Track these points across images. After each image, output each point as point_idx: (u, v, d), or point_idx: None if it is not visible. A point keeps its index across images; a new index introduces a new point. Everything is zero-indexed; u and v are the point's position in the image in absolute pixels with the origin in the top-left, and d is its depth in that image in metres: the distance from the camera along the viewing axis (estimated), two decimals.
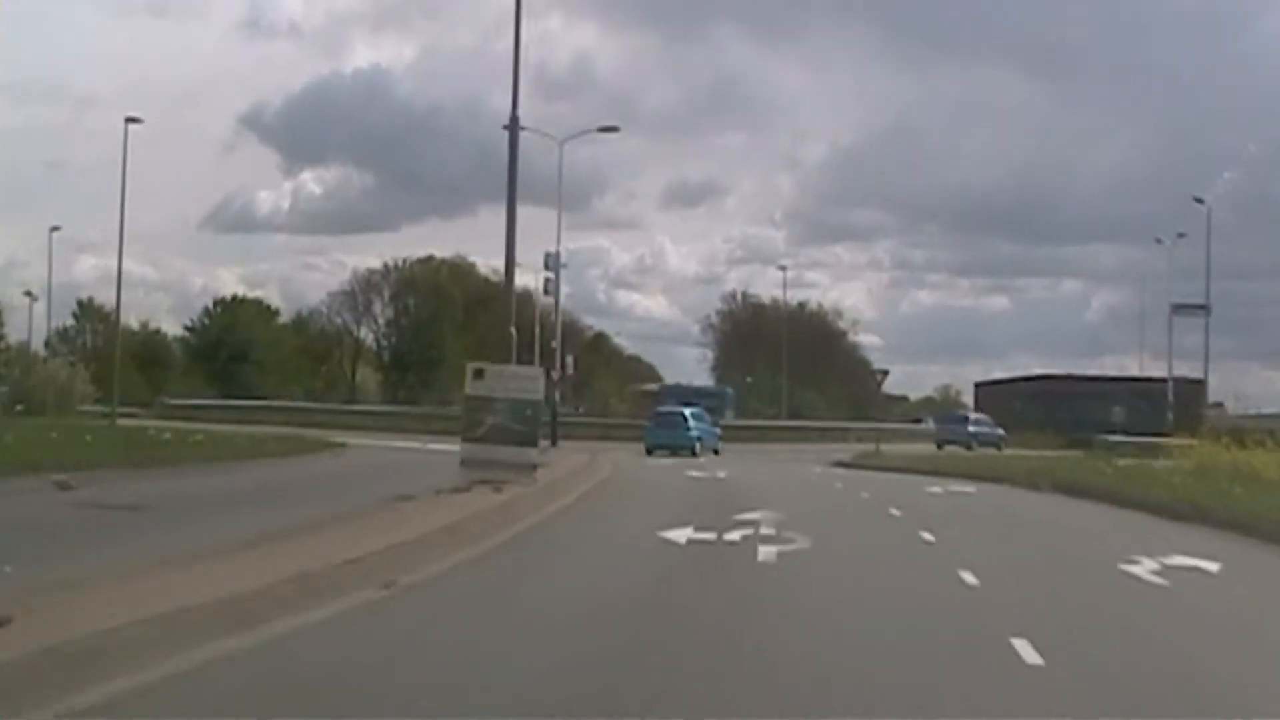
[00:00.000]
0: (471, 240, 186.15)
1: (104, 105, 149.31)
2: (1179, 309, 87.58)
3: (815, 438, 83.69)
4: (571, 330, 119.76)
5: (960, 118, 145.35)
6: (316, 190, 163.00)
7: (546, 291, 70.76)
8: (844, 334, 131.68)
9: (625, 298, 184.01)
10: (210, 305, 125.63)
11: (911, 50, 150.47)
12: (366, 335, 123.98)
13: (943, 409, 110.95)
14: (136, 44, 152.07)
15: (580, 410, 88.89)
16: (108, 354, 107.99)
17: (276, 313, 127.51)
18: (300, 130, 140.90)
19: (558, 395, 47.77)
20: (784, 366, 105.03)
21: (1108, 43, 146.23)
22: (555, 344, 63.61)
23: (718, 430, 69.18)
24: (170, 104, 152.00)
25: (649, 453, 59.93)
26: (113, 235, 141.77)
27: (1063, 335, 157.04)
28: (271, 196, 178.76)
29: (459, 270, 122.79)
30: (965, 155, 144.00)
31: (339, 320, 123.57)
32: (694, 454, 59.90)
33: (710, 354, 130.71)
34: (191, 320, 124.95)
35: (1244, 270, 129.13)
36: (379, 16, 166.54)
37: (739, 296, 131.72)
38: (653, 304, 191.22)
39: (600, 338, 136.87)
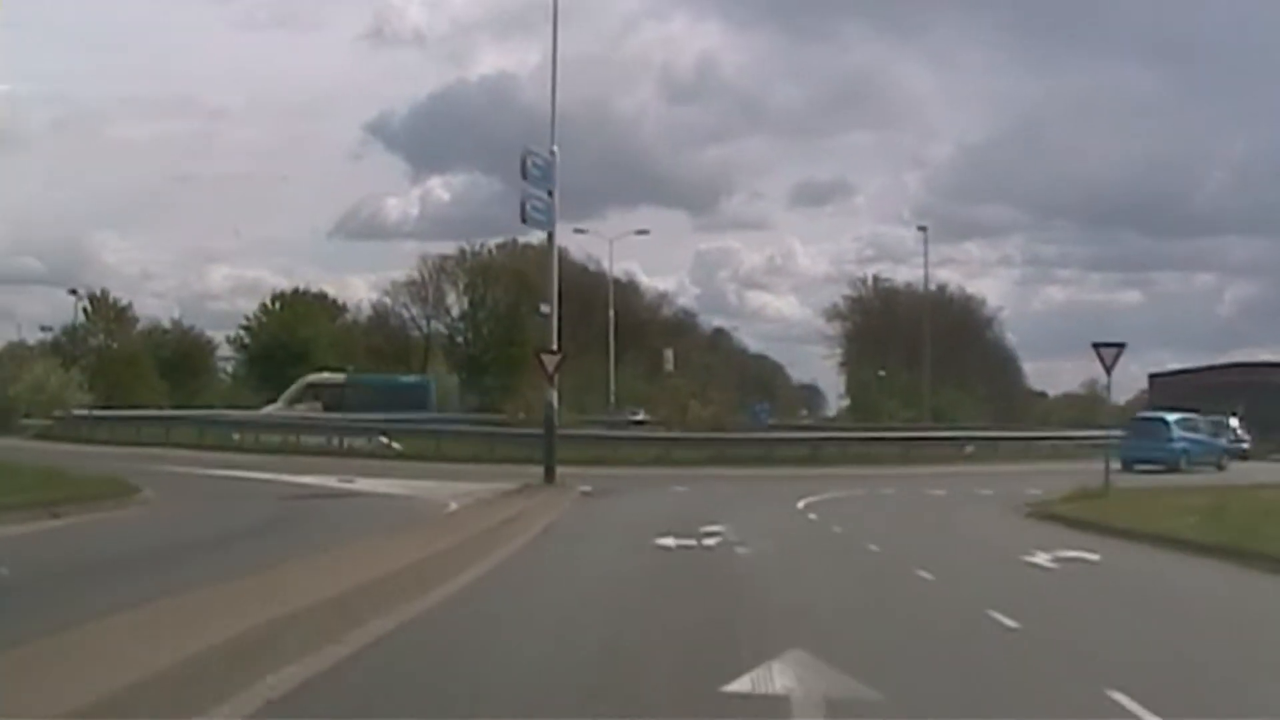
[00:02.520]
0: (599, 245, 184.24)
1: (233, 117, 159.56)
2: None
3: (981, 457, 71.98)
4: (682, 328, 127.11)
5: (1088, 112, 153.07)
6: (445, 196, 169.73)
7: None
8: (988, 323, 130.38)
9: (756, 298, 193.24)
10: (268, 301, 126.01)
11: (1038, 46, 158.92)
12: (439, 331, 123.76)
13: (1088, 406, 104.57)
14: (264, 57, 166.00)
15: (637, 419, 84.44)
16: (119, 355, 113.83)
17: (343, 308, 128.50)
18: (427, 137, 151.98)
19: (554, 398, 45.23)
20: (927, 356, 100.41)
21: (1235, 33, 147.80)
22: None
23: (1224, 441, 66.18)
24: (298, 115, 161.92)
25: (1126, 467, 56.35)
26: (243, 246, 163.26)
27: (1196, 329, 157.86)
28: (400, 203, 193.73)
29: (547, 256, 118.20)
30: (1094, 149, 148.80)
31: (407, 314, 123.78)
32: (1178, 469, 57.60)
33: (838, 348, 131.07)
34: (247, 319, 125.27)
35: None
36: (503, 23, 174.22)
37: (870, 280, 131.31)
38: (783, 304, 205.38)
39: (720, 334, 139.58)
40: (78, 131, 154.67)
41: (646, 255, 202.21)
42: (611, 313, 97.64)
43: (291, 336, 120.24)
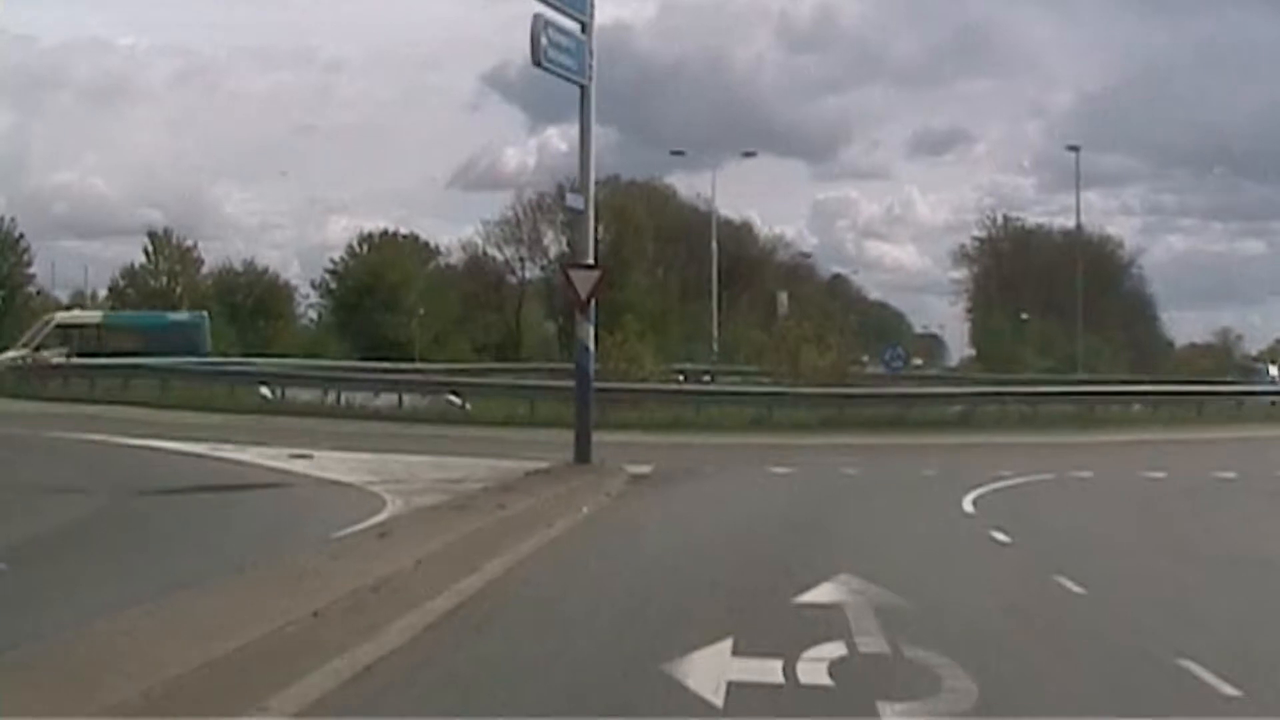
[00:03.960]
0: (718, 196, 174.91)
1: (351, 69, 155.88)
2: None
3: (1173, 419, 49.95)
4: (799, 273, 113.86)
5: (1209, 60, 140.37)
6: (562, 147, 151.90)
7: None
8: (1126, 266, 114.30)
9: (875, 248, 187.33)
10: (355, 244, 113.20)
11: None
12: (534, 273, 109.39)
13: (1221, 356, 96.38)
14: (381, 8, 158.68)
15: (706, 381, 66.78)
16: (181, 300, 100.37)
17: (436, 251, 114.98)
18: (544, 88, 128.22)
19: (590, 336, 30.11)
20: (1079, 303, 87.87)
21: None
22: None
23: None
24: (415, 66, 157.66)
25: None
26: (362, 196, 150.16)
27: None
28: (517, 153, 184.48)
29: (655, 194, 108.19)
30: (1215, 98, 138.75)
31: (499, 257, 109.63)
32: None
33: (965, 294, 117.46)
34: (333, 262, 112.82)
35: None
36: None
37: (1000, 219, 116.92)
38: (902, 254, 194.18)
39: (839, 280, 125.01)
40: (198, 83, 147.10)
41: (764, 204, 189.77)
42: (714, 245, 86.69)
43: (379, 281, 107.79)
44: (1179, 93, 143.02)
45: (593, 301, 30.00)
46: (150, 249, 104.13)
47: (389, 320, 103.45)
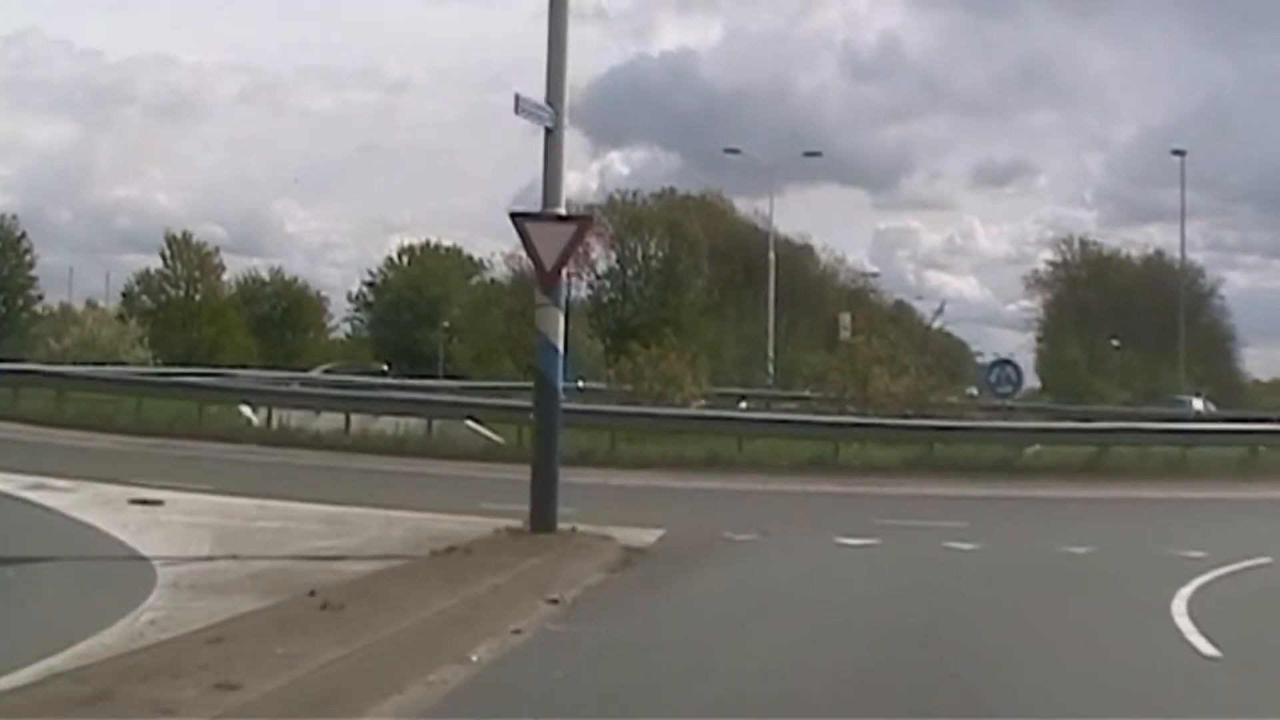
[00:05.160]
0: (780, 224, 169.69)
1: (415, 89, 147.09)
2: None
3: None
4: (861, 297, 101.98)
5: (1275, 95, 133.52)
6: (624, 171, 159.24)
7: None
8: (1207, 295, 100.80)
9: (935, 278, 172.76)
10: (394, 256, 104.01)
11: (1224, 26, 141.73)
12: (580, 289, 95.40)
13: None
14: (445, 29, 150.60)
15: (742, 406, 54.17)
16: (199, 308, 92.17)
17: (481, 265, 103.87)
18: (607, 112, 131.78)
19: (558, 329, 18.31)
20: (1181, 326, 77.23)
21: None
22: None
23: None
24: (479, 87, 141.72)
25: None
26: (423, 216, 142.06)
27: None
28: (579, 177, 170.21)
29: (710, 209, 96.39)
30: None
31: None
32: None
33: (1036, 323, 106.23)
34: (372, 274, 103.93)
35: None
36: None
37: (1077, 244, 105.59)
38: (963, 284, 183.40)
39: (902, 306, 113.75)
40: (263, 101, 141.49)
41: (825, 233, 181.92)
42: (771, 254, 76.70)
43: (419, 295, 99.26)
44: (1245, 128, 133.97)
45: (565, 275, 18.84)
46: (167, 253, 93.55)
47: (427, 336, 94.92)
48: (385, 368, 69.94)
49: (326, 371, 64.63)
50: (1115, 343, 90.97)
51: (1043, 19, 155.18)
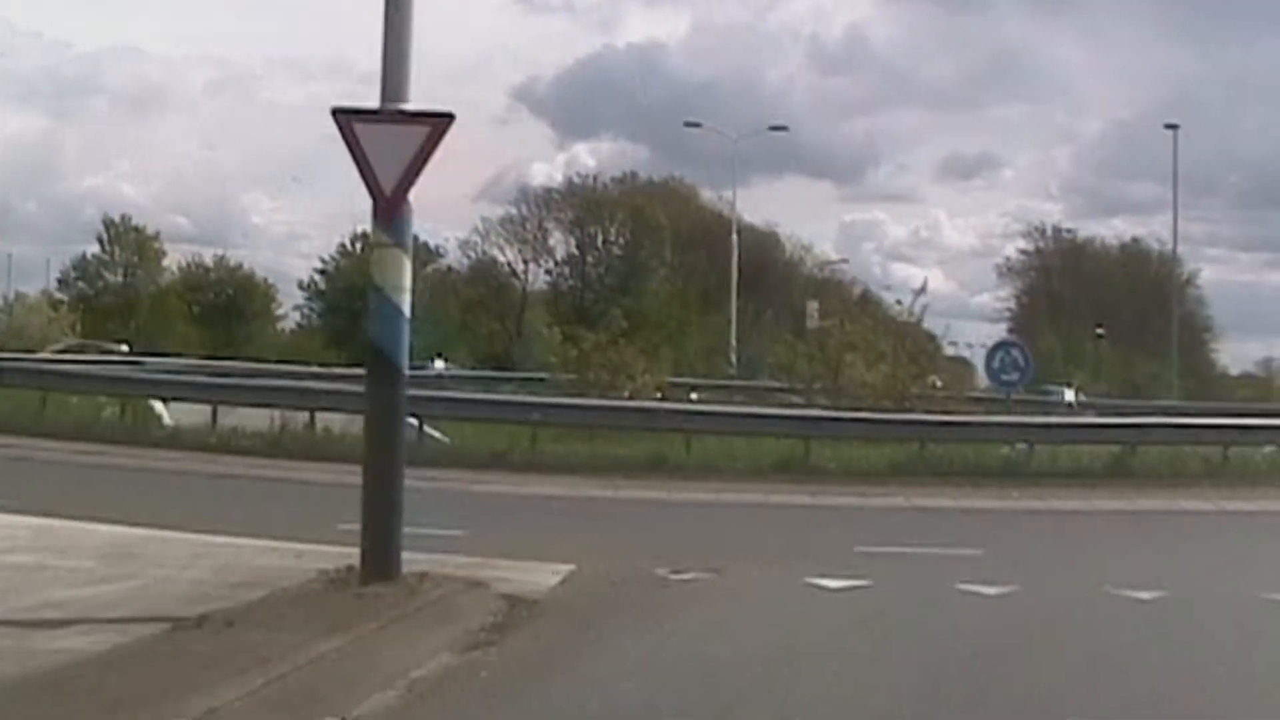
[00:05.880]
0: (747, 214, 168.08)
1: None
2: None
3: None
4: (828, 286, 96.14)
5: (1242, 89, 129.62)
6: (590, 163, 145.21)
7: None
8: (1184, 285, 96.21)
9: (901, 270, 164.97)
10: (347, 242, 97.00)
11: (1192, 21, 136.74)
12: (537, 277, 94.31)
13: (1264, 386, 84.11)
14: (416, 21, 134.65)
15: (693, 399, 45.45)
16: (139, 295, 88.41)
17: (437, 252, 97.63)
18: (573, 104, 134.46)
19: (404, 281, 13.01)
20: (1174, 317, 76.02)
21: None
22: None
23: None
24: (446, 79, 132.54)
25: None
26: None
27: None
28: (545, 169, 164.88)
29: (674, 196, 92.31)
30: (1246, 128, 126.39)
31: (501, 259, 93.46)
32: None
33: (1008, 312, 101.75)
34: (323, 261, 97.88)
35: None
36: None
37: (1050, 231, 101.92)
38: (929, 277, 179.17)
39: (869, 296, 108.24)
40: (231, 93, 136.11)
41: (791, 225, 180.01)
42: (734, 236, 74.51)
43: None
44: (1211, 122, 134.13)
45: (406, 209, 12.88)
46: (105, 238, 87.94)
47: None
48: (125, 347, 63.66)
49: (60, 352, 57.31)
50: (1100, 331, 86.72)
51: (1010, 12, 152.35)
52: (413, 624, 10.48)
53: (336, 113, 11.98)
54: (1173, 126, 73.73)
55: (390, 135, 11.90)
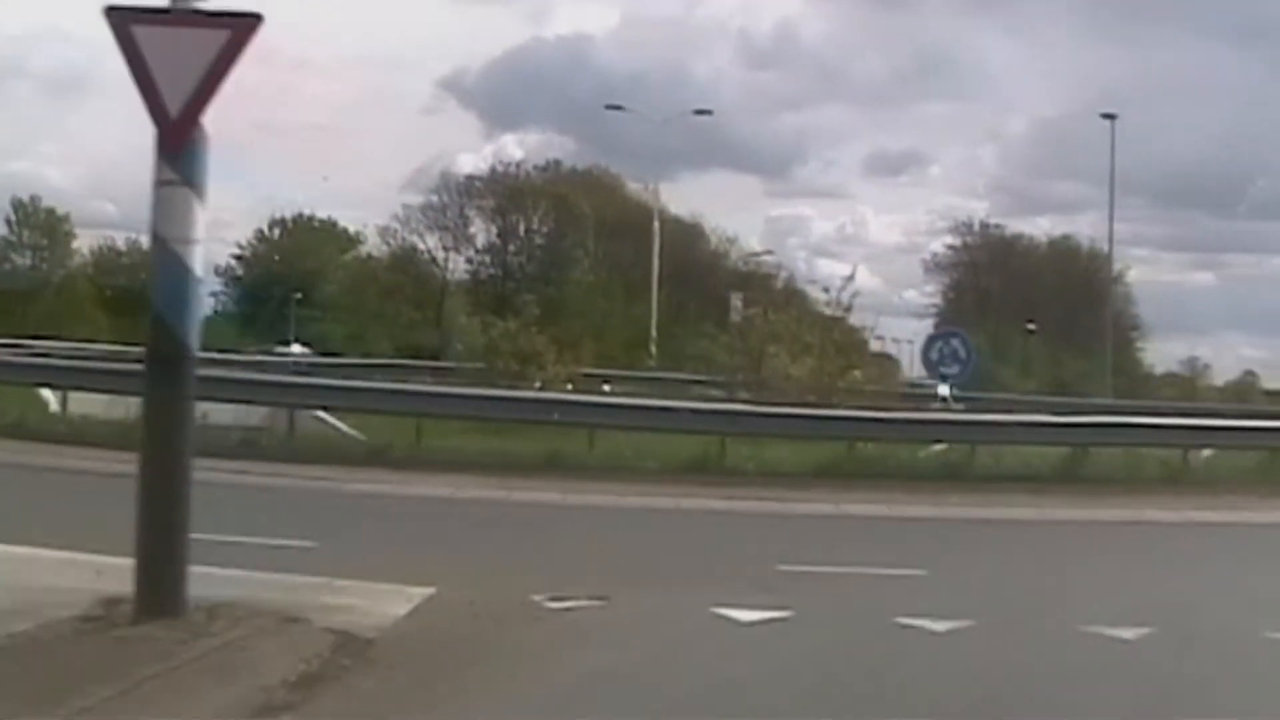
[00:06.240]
0: (672, 206, 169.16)
1: (315, 68, 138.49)
2: None
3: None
4: (754, 280, 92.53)
5: (1168, 90, 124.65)
6: (518, 154, 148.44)
7: None
8: (1114, 281, 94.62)
9: (826, 266, 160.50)
10: (265, 228, 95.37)
11: (1119, 22, 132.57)
12: (458, 265, 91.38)
13: (1188, 386, 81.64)
14: (347, 8, 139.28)
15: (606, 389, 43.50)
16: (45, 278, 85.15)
17: (357, 239, 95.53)
18: (501, 95, 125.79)
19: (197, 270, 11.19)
20: (1108, 315, 75.35)
21: None
22: None
23: None
24: (376, 68, 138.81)
25: None
26: (316, 197, 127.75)
27: (1269, 312, 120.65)
28: (472, 160, 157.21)
29: (597, 185, 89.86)
30: (1172, 129, 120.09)
31: (421, 246, 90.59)
32: None
33: (934, 308, 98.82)
34: (241, 246, 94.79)
35: None
36: None
37: (978, 227, 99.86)
38: (857, 266, 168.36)
39: (795, 291, 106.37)
40: None
41: (717, 219, 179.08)
42: (656, 223, 72.83)
43: (291, 269, 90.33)
44: (1137, 122, 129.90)
45: (199, 137, 9.76)
46: (13, 219, 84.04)
47: (302, 314, 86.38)
48: None
49: None
50: (1032, 326, 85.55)
51: (940, 10, 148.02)
52: (181, 682, 7.73)
53: (111, 11, 9.07)
54: (1110, 116, 72.30)
55: (180, 42, 9.12)
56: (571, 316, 69.16)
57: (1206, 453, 27.43)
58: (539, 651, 9.92)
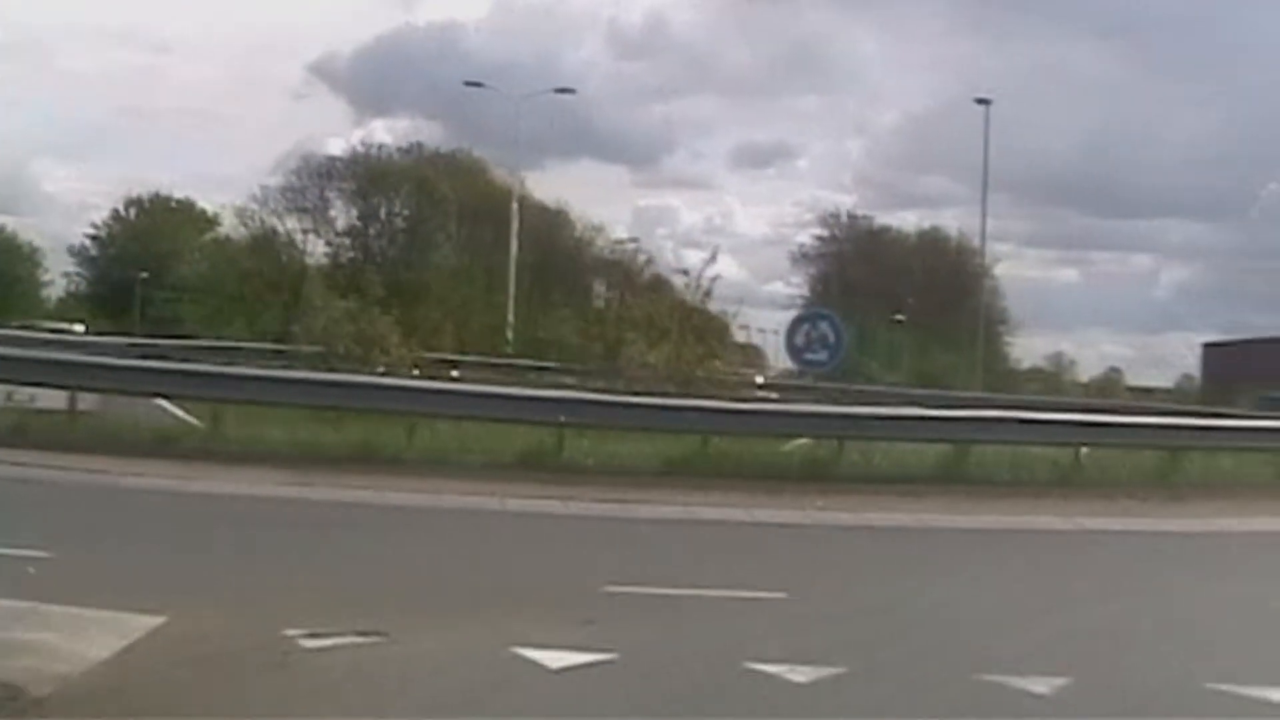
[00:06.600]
0: (540, 194, 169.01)
1: (182, 52, 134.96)
2: None
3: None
4: (619, 268, 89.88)
5: (1037, 87, 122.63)
6: (387, 140, 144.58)
7: None
8: (982, 275, 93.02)
9: (693, 257, 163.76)
10: (121, 207, 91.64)
11: (989, 17, 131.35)
12: (317, 248, 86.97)
13: (1053, 380, 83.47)
14: None
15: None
16: None
17: (215, 220, 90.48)
18: (371, 80, 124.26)
19: None
20: (980, 306, 75.70)
21: (1189, 13, 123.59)
22: None
23: None
24: (246, 52, 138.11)
25: None
26: (184, 180, 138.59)
27: (1132, 310, 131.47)
28: (341, 145, 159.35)
29: (461, 169, 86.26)
30: (1038, 125, 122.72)
31: (280, 229, 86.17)
32: None
33: (800, 299, 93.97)
34: (95, 226, 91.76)
35: None
36: None
37: (846, 218, 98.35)
38: (720, 265, 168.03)
39: (661, 280, 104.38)
40: (25, 58, 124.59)
41: (585, 209, 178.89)
42: (515, 205, 71.23)
43: (146, 250, 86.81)
44: (1004, 118, 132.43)
45: None
46: None
47: (158, 295, 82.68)
48: None
49: None
50: (899, 318, 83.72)
51: (812, 3, 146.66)
52: None
53: None
54: (984, 101, 70.23)
55: None
56: (432, 302, 67.12)
57: (1085, 450, 24.79)
58: (269, 715, 7.30)
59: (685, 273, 40.43)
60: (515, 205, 69.61)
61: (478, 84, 75.14)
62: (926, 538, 17.04)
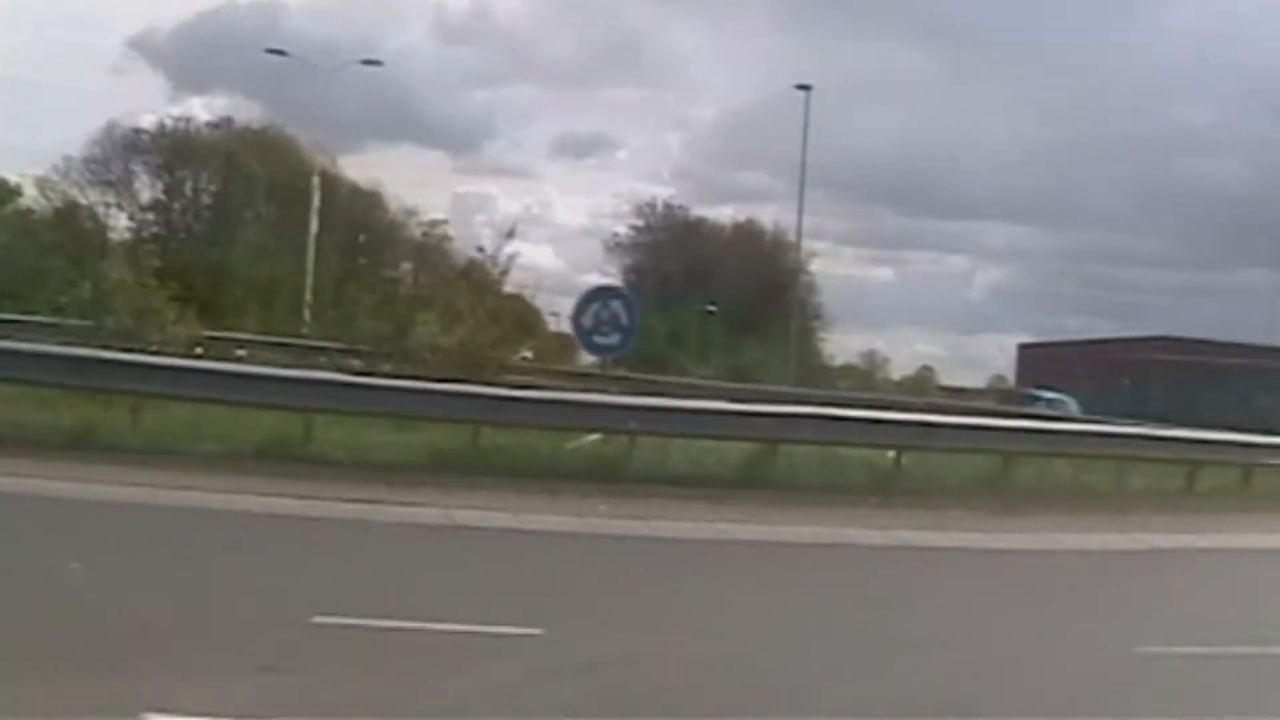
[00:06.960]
0: (352, 174, 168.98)
1: None
2: None
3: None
4: (432, 252, 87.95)
5: (854, 87, 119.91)
6: (204, 117, 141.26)
7: None
8: (797, 270, 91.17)
9: (511, 245, 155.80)
10: None
11: (808, 16, 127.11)
12: (120, 222, 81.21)
13: (865, 377, 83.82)
14: None
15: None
16: None
17: (17, 191, 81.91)
18: (191, 57, 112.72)
19: None
20: (795, 300, 74.32)
21: (1007, 18, 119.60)
22: None
23: None
24: (61, 23, 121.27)
25: None
26: None
27: (947, 310, 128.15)
28: (156, 121, 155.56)
29: (272, 146, 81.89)
30: (856, 125, 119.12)
31: (83, 201, 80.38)
32: None
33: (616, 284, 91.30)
34: None
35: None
36: None
37: (661, 208, 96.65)
38: (538, 254, 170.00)
39: (474, 265, 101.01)
40: None
41: (404, 194, 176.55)
42: (315, 179, 68.01)
43: None
44: (822, 117, 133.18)
45: None
46: None
47: None
48: None
49: None
50: (712, 308, 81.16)
51: None
52: None
53: None
54: (805, 88, 68.64)
55: None
56: (235, 280, 63.94)
57: (891, 454, 22.26)
58: None
59: (481, 249, 38.45)
60: (315, 179, 66.89)
61: (281, 52, 71.77)
62: (724, 552, 14.45)
